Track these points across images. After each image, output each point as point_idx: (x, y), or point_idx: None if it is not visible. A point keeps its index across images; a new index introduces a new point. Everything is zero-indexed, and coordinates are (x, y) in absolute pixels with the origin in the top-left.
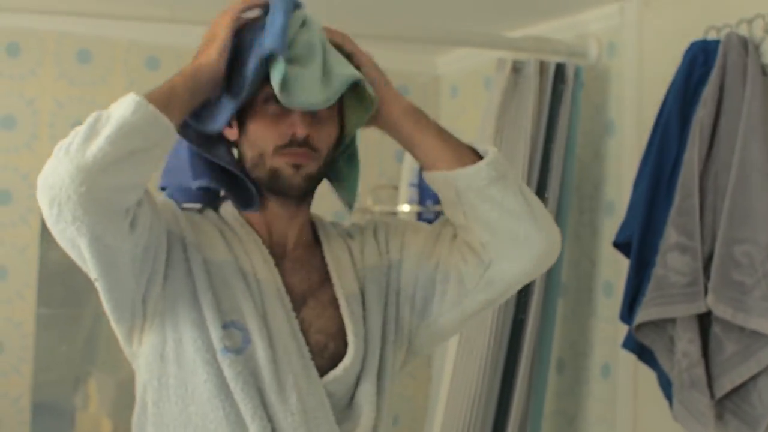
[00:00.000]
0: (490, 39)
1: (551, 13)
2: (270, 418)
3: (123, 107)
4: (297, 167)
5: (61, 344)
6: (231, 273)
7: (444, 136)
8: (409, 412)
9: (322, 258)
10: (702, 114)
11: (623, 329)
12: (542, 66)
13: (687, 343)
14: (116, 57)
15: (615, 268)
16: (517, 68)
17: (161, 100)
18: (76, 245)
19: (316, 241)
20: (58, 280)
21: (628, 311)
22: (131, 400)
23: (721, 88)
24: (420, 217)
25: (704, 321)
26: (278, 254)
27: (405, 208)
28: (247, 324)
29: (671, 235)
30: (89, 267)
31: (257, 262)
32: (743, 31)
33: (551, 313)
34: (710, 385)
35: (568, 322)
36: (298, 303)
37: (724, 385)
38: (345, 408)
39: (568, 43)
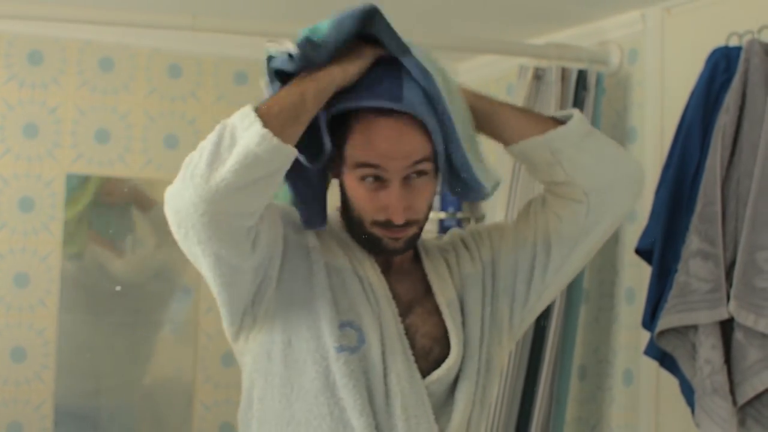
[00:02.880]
0: (512, 46)
1: (573, 20)
2: (374, 416)
3: (248, 136)
4: (396, 239)
5: (83, 351)
6: (349, 277)
7: (521, 108)
8: None
9: (423, 272)
10: (724, 120)
11: (645, 336)
12: (564, 73)
13: (709, 349)
14: (138, 65)
15: (637, 274)
16: (538, 75)
17: (288, 115)
18: (200, 263)
19: (416, 257)
20: (80, 288)
21: (650, 318)
22: (154, 406)
23: (744, 95)
24: (442, 224)
25: (726, 328)
26: (384, 266)
27: None
28: (362, 324)
29: (693, 241)
30: (209, 282)
31: (368, 270)
32: (765, 37)
33: (573, 319)
34: (732, 391)
35: (590, 328)
36: (404, 309)
37: (746, 392)
38: (443, 405)
39: (590, 50)
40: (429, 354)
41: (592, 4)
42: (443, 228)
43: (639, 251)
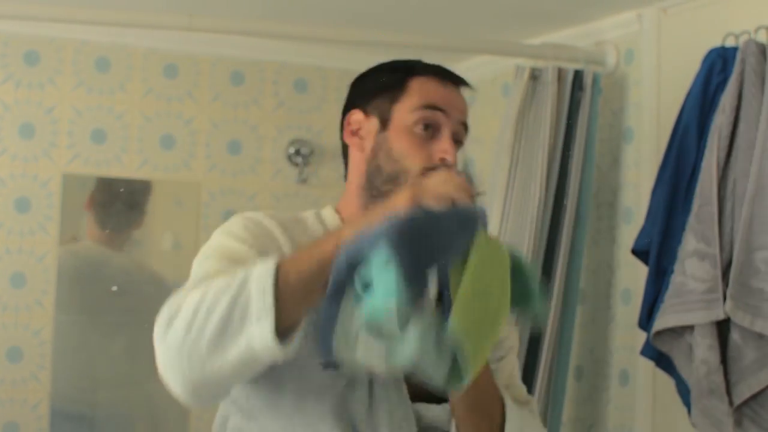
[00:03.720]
0: (509, 46)
1: (569, 20)
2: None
3: (257, 335)
4: None
5: (79, 351)
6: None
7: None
8: None
9: None
10: (720, 121)
11: (642, 336)
12: (560, 73)
13: (706, 350)
14: (134, 65)
15: (633, 275)
16: (535, 75)
17: (304, 289)
18: None
19: None
20: (77, 288)
21: (646, 318)
22: (151, 406)
23: (740, 95)
24: None
25: (723, 328)
26: None
27: None
28: None
29: (690, 242)
30: None
31: None
32: (762, 37)
33: (570, 320)
34: (729, 391)
35: (586, 329)
36: None
37: (742, 392)
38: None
39: (586, 50)
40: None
41: (588, 4)
42: None
43: (635, 252)
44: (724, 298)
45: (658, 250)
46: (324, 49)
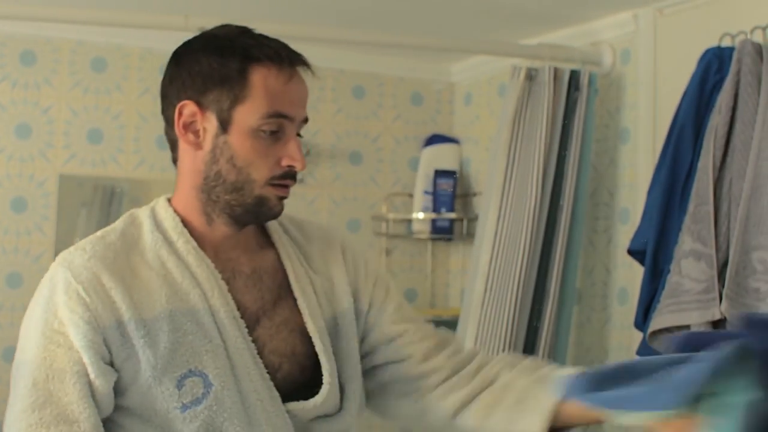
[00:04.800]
0: (505, 46)
1: (566, 21)
2: None
3: None
4: (282, 198)
5: None
6: (177, 322)
7: None
8: None
9: (277, 267)
10: (716, 121)
11: (638, 336)
12: (557, 73)
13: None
14: (131, 65)
15: (630, 275)
16: (531, 75)
17: None
18: None
19: (266, 239)
20: None
21: (642, 318)
22: None
23: (736, 96)
24: (434, 224)
25: (719, 328)
26: (228, 273)
27: (419, 215)
28: (204, 367)
29: (686, 242)
30: None
31: (208, 289)
32: (758, 38)
33: (566, 320)
34: None
35: (582, 329)
36: (251, 323)
37: None
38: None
39: (583, 50)
40: (282, 374)
41: (584, 5)
42: (436, 229)
43: (631, 252)
44: (720, 298)
45: (654, 250)
46: (320, 49)
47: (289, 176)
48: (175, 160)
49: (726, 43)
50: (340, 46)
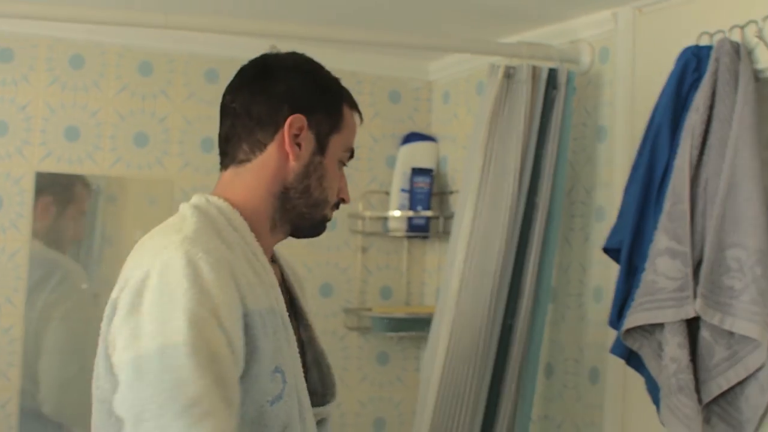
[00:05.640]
0: (483, 45)
1: (544, 19)
2: None
3: None
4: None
5: (50, 349)
6: (272, 318)
7: None
8: (396, 416)
9: (281, 281)
10: (693, 120)
11: (612, 334)
12: (535, 71)
13: (676, 347)
14: (109, 62)
15: (605, 273)
16: (509, 74)
17: None
18: None
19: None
20: (47, 286)
21: (617, 316)
22: None
23: (713, 94)
24: (411, 222)
25: (693, 326)
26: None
27: (396, 213)
28: (283, 364)
29: (661, 240)
30: None
31: (278, 293)
32: (736, 36)
33: (540, 317)
34: (698, 389)
35: (557, 326)
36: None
37: (711, 390)
38: None
39: (561, 49)
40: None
41: (563, 3)
42: (412, 227)
43: (607, 250)
44: (695, 296)
45: (630, 248)
46: (297, 47)
47: (338, 206)
48: (234, 159)
49: (704, 41)
50: (317, 44)
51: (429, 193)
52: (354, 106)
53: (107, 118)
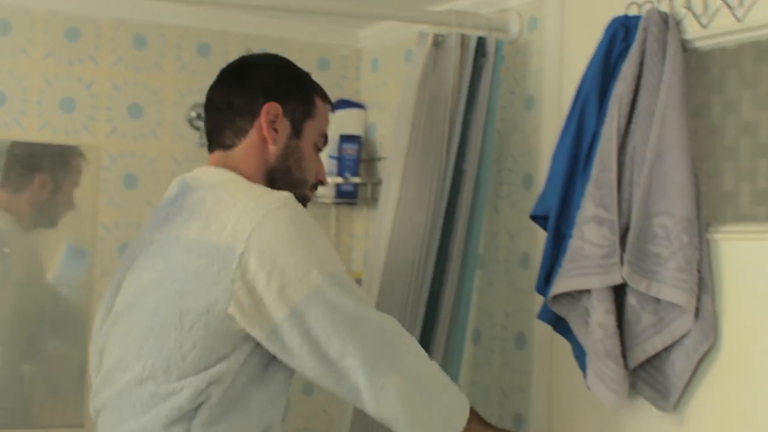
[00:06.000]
0: (412, 13)
1: None
2: None
3: None
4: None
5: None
6: None
7: None
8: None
9: None
10: (621, 88)
11: (539, 300)
12: (463, 40)
13: (603, 314)
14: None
15: (532, 240)
16: (438, 42)
17: None
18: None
19: None
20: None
21: (544, 282)
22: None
23: (641, 64)
24: (339, 188)
25: (620, 292)
26: None
27: None
28: None
29: (588, 207)
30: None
31: None
32: (664, 7)
33: (468, 283)
34: (624, 355)
35: (485, 293)
36: None
37: (638, 356)
38: None
39: (490, 17)
40: None
41: None
42: (340, 193)
43: (534, 217)
44: (622, 263)
45: (557, 215)
46: (228, 14)
47: (316, 187)
48: (221, 144)
49: (633, 11)
50: (246, 11)
51: (357, 159)
52: (325, 97)
53: (34, 83)
